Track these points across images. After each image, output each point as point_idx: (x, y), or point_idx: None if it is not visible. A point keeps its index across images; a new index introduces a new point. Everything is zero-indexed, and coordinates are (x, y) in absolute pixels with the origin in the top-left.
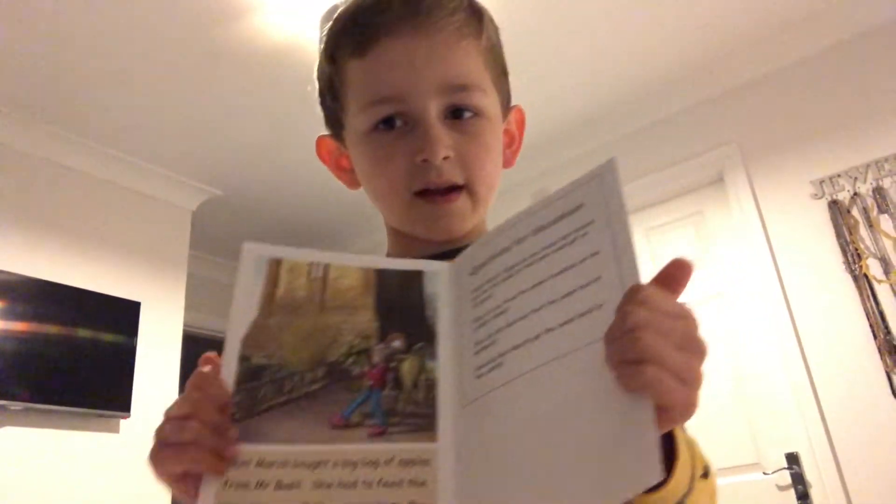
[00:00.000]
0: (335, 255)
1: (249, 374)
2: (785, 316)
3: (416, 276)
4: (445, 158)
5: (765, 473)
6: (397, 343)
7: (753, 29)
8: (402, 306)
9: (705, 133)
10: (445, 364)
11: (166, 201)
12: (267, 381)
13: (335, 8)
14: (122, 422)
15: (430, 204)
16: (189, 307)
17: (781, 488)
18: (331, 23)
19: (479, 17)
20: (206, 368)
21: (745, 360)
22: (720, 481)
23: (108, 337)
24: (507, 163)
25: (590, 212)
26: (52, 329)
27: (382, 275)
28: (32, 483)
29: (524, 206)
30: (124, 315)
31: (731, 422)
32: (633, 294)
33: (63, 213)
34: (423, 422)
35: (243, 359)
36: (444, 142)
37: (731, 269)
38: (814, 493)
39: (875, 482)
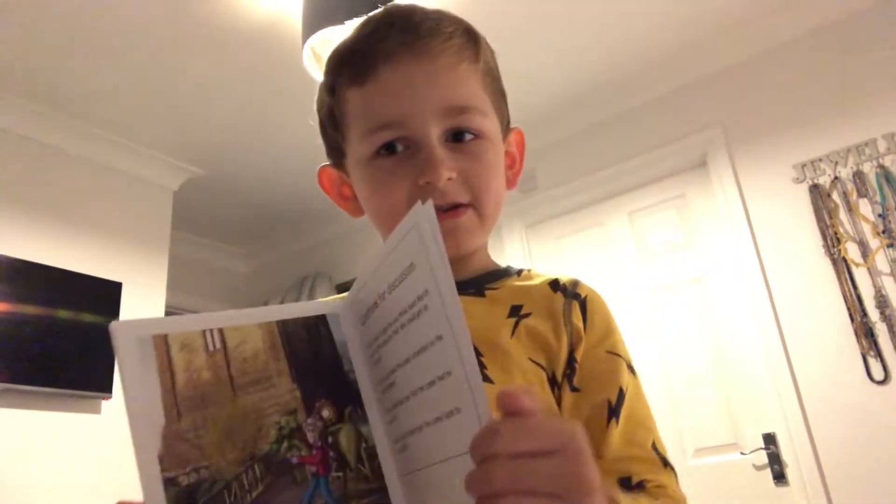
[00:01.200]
0: (225, 315)
1: (182, 500)
2: (765, 298)
3: (320, 321)
4: (449, 180)
5: (742, 453)
6: (326, 413)
7: (737, 12)
8: (317, 363)
9: (689, 117)
10: (377, 427)
11: (148, 181)
12: (205, 502)
13: None
14: (104, 402)
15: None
16: (171, 287)
17: (758, 468)
18: (329, 56)
19: (475, 41)
20: None
21: (724, 341)
22: (699, 461)
23: (88, 317)
24: (510, 184)
25: (421, 277)
26: (31, 309)
27: (286, 327)
28: (12, 464)
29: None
30: (105, 295)
31: (710, 403)
32: (486, 444)
33: (43, 193)
34: (377, 498)
35: (169, 482)
36: (446, 164)
37: (712, 252)
38: (789, 472)
39: (849, 462)
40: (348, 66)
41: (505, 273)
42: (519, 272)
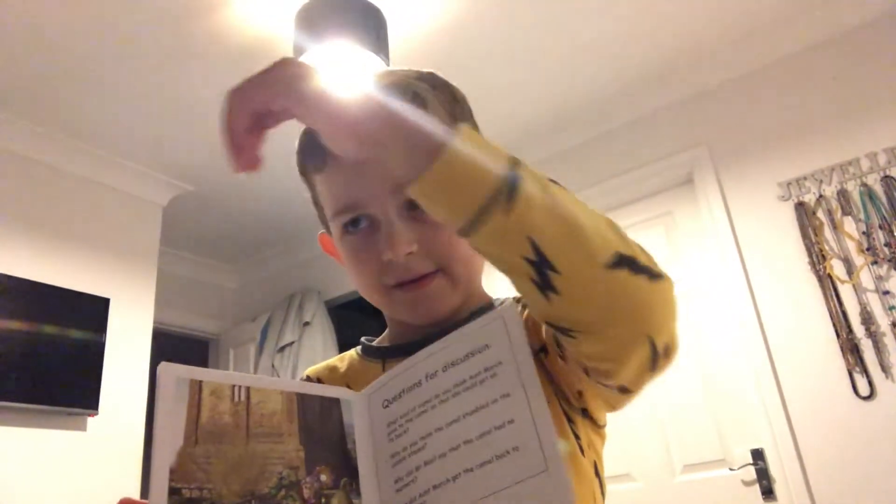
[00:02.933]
0: (255, 377)
1: None
2: (751, 315)
3: (334, 403)
4: (410, 254)
5: (731, 469)
6: (324, 477)
7: (724, 33)
8: (324, 436)
9: (676, 135)
10: (368, 502)
11: (137, 196)
12: None
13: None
14: (90, 420)
15: (406, 292)
16: (159, 304)
17: (746, 483)
18: (298, 139)
19: (422, 106)
20: None
21: (712, 358)
22: (688, 477)
23: (75, 333)
24: None
25: (496, 353)
26: (17, 325)
27: (304, 400)
28: None
29: None
30: (93, 311)
31: (699, 419)
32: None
33: (31, 208)
34: None
35: (173, 492)
36: (405, 238)
37: (699, 269)
38: (777, 487)
39: (836, 477)
40: (308, 153)
41: (490, 307)
42: (503, 301)
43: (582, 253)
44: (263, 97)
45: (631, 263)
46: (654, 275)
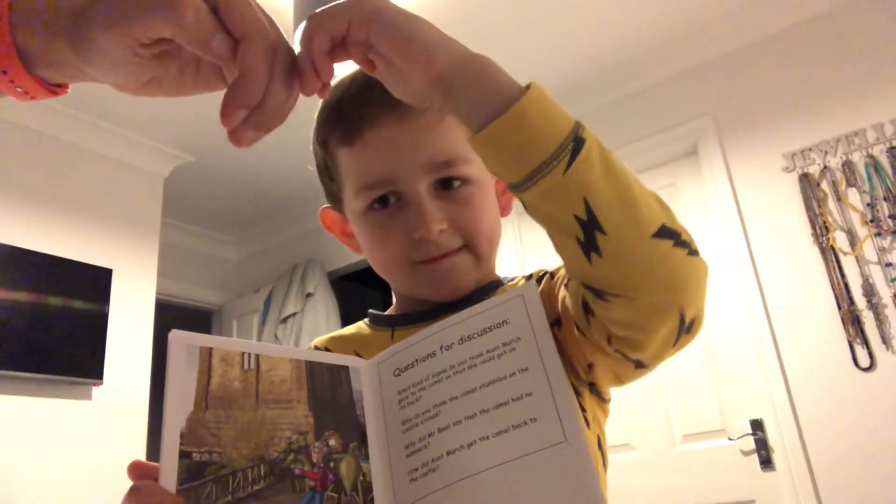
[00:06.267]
0: (264, 345)
1: (192, 471)
2: (754, 286)
3: (343, 370)
4: (441, 232)
5: (730, 439)
6: (333, 442)
7: (728, 3)
8: (333, 402)
9: (680, 106)
10: (376, 466)
11: (138, 167)
12: (210, 479)
13: None
14: (95, 389)
15: (431, 265)
16: (162, 275)
17: (745, 453)
18: (319, 108)
19: None
20: (142, 483)
21: (713, 328)
22: (687, 447)
23: (79, 304)
24: (504, 210)
25: (515, 329)
26: (22, 296)
27: (313, 367)
28: (4, 449)
29: None
30: (96, 282)
31: (699, 389)
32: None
33: (33, 179)
34: None
35: (184, 455)
36: (437, 216)
37: (702, 240)
38: (776, 457)
39: (835, 448)
40: (336, 126)
41: (498, 284)
42: (513, 279)
43: (631, 218)
44: (348, 20)
45: (674, 236)
46: (693, 251)
